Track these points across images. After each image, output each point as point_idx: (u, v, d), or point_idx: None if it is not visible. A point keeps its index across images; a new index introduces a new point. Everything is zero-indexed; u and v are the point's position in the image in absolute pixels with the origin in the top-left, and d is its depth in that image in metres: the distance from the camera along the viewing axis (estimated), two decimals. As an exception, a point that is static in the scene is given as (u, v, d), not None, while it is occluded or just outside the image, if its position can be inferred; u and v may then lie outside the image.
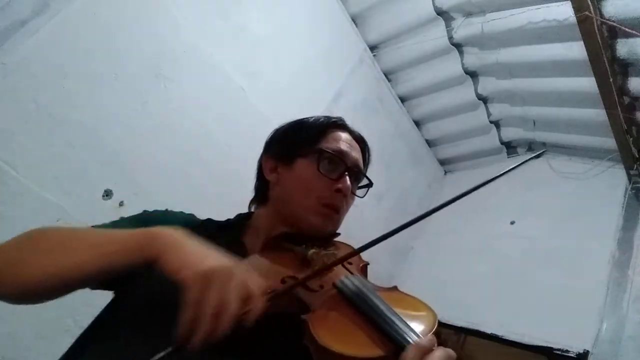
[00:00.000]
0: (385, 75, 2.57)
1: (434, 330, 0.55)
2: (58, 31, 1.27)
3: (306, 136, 0.79)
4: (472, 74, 2.42)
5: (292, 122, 0.86)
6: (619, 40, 1.71)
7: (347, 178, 0.76)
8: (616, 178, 2.23)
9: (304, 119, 0.85)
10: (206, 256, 0.50)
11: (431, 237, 2.76)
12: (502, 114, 2.57)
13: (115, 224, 0.71)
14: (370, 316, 0.54)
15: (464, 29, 2.20)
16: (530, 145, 2.71)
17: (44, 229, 0.63)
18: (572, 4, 1.59)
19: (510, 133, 2.68)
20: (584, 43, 1.69)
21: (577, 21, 1.62)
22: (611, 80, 1.74)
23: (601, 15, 1.62)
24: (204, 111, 1.66)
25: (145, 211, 0.77)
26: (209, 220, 0.80)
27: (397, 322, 0.53)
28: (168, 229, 0.55)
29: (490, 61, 2.26)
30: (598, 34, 1.62)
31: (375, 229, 2.48)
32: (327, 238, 0.77)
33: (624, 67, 1.80)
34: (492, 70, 2.34)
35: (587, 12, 1.56)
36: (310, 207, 0.73)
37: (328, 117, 0.85)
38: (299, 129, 0.82)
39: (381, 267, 2.53)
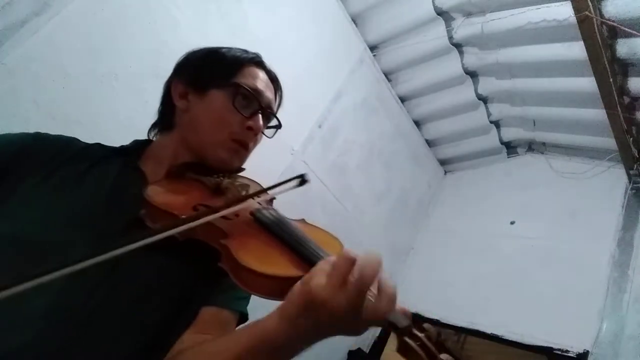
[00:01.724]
0: (385, 75, 2.57)
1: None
2: (58, 31, 1.27)
3: (223, 67, 0.77)
4: (472, 74, 2.42)
5: (207, 49, 0.83)
6: (619, 40, 1.71)
7: (260, 117, 0.75)
8: (616, 178, 2.23)
9: (220, 48, 0.82)
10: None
11: (431, 237, 2.77)
12: (502, 114, 2.57)
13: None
14: (288, 241, 0.57)
15: (464, 29, 2.20)
16: (530, 145, 2.71)
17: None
18: (572, 4, 1.59)
19: (510, 133, 2.68)
20: (584, 43, 1.69)
21: (577, 21, 1.62)
22: (611, 80, 1.74)
23: (601, 15, 1.62)
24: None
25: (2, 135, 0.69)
26: (98, 144, 0.77)
27: (314, 246, 0.55)
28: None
29: (490, 61, 2.26)
30: (598, 34, 1.62)
31: (376, 228, 2.50)
32: (232, 172, 0.78)
33: (624, 67, 1.80)
34: (492, 70, 2.34)
35: (587, 12, 1.56)
36: (220, 141, 0.73)
37: (246, 51, 0.83)
38: (215, 59, 0.80)
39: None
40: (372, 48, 2.48)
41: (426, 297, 2.40)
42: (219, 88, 0.75)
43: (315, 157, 2.13)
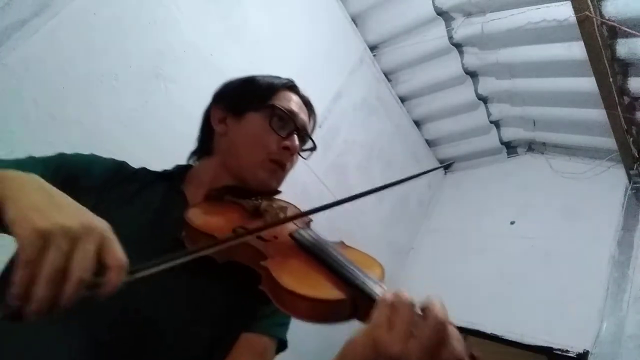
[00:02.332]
0: (385, 75, 2.57)
1: (383, 278, 0.59)
2: (58, 31, 1.27)
3: (258, 91, 0.80)
4: (472, 74, 2.42)
5: (243, 77, 0.86)
6: (619, 40, 1.71)
7: (296, 137, 0.77)
8: (616, 178, 2.23)
9: (255, 75, 0.85)
10: (56, 211, 0.41)
11: (431, 237, 2.76)
12: (502, 114, 2.57)
13: (19, 163, 0.64)
14: (328, 264, 0.56)
15: (464, 29, 2.20)
16: (530, 145, 2.71)
17: None
18: (572, 4, 1.59)
19: (510, 133, 2.68)
20: (584, 43, 1.69)
21: (577, 21, 1.62)
22: (611, 80, 1.74)
23: (601, 15, 1.62)
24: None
25: (62, 154, 0.73)
26: (144, 168, 0.79)
27: (356, 269, 0.54)
28: (24, 173, 0.47)
29: (490, 61, 2.26)
30: (598, 34, 1.62)
31: (376, 228, 2.50)
32: (270, 194, 0.79)
33: (624, 67, 1.80)
34: (492, 70, 2.34)
35: (587, 12, 1.56)
36: (259, 161, 0.74)
37: (279, 78, 0.86)
38: (251, 84, 0.82)
39: (381, 267, 2.53)
40: (372, 48, 2.48)
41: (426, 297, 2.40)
42: (255, 111, 0.77)
43: (315, 157, 2.11)
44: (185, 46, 1.60)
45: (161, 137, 1.51)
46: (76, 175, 0.68)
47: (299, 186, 1.97)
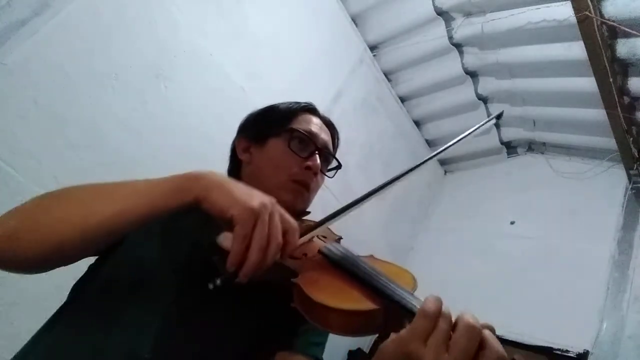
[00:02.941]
0: (385, 75, 2.57)
1: (416, 289, 0.59)
2: (58, 31, 1.27)
3: (279, 117, 0.82)
4: (472, 74, 2.42)
5: (263, 107, 0.89)
6: (619, 40, 1.71)
7: (317, 157, 0.79)
8: (616, 178, 2.23)
9: (275, 104, 0.88)
10: (251, 194, 0.52)
11: (431, 237, 2.76)
12: (502, 114, 2.57)
13: None
14: (359, 276, 0.57)
15: (464, 29, 2.20)
16: (530, 145, 2.71)
17: (67, 188, 0.60)
18: (572, 4, 1.59)
19: (510, 133, 2.68)
20: (584, 43, 1.69)
21: (577, 21, 1.62)
22: (611, 80, 1.74)
23: (601, 15, 1.62)
24: (204, 111, 1.66)
25: None
26: None
27: (387, 280, 0.55)
28: (206, 170, 0.56)
29: (490, 61, 2.26)
30: (598, 34, 1.62)
31: (376, 228, 2.50)
32: (298, 215, 0.78)
33: (624, 67, 1.80)
34: (492, 70, 2.34)
35: (587, 12, 1.56)
36: (281, 183, 0.76)
37: (299, 102, 0.88)
38: (271, 112, 0.85)
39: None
40: (372, 48, 2.48)
41: (426, 297, 2.40)
42: (276, 136, 0.80)
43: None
44: (185, 46, 1.60)
45: (161, 136, 1.51)
46: None
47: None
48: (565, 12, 1.77)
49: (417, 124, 2.83)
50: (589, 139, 2.31)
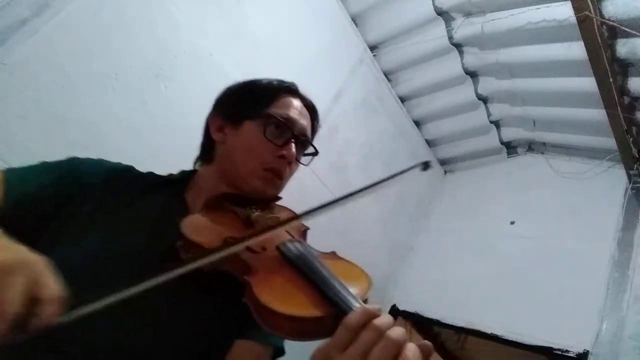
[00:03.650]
0: (385, 75, 2.57)
1: (368, 292, 0.58)
2: (58, 31, 1.27)
3: (256, 99, 0.78)
4: (472, 74, 2.42)
5: (243, 82, 0.84)
6: (619, 40, 1.71)
7: (293, 145, 0.76)
8: (616, 178, 2.23)
9: (255, 80, 0.83)
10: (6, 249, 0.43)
11: (431, 237, 2.76)
12: (502, 114, 2.57)
13: (33, 170, 0.68)
14: (311, 279, 0.56)
15: (464, 29, 2.20)
16: (530, 145, 2.71)
17: None
18: (572, 4, 1.59)
19: (510, 133, 2.68)
20: (584, 43, 1.68)
21: (577, 21, 1.62)
22: (611, 80, 1.74)
23: (601, 15, 1.62)
24: (204, 111, 1.65)
25: (74, 158, 0.75)
26: (151, 173, 0.80)
27: (337, 285, 0.53)
28: None
29: (490, 61, 2.26)
30: (598, 34, 1.62)
31: (376, 228, 2.50)
32: (268, 201, 0.78)
33: (624, 67, 1.80)
34: (492, 70, 2.34)
35: (587, 12, 1.56)
36: (253, 170, 0.74)
37: (280, 81, 0.84)
38: (249, 91, 0.81)
39: (381, 267, 2.53)
40: (372, 48, 2.48)
41: (426, 297, 2.41)
42: (252, 119, 0.76)
43: (315, 157, 2.12)
44: (185, 46, 1.60)
45: (161, 136, 1.51)
46: (80, 174, 0.70)
47: (298, 186, 1.97)
48: (565, 12, 1.77)
49: (417, 124, 2.82)
50: (589, 139, 2.31)
